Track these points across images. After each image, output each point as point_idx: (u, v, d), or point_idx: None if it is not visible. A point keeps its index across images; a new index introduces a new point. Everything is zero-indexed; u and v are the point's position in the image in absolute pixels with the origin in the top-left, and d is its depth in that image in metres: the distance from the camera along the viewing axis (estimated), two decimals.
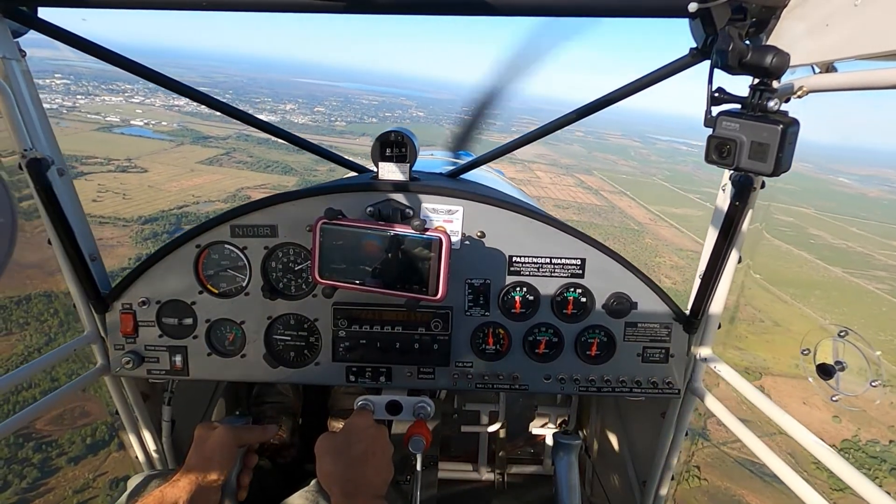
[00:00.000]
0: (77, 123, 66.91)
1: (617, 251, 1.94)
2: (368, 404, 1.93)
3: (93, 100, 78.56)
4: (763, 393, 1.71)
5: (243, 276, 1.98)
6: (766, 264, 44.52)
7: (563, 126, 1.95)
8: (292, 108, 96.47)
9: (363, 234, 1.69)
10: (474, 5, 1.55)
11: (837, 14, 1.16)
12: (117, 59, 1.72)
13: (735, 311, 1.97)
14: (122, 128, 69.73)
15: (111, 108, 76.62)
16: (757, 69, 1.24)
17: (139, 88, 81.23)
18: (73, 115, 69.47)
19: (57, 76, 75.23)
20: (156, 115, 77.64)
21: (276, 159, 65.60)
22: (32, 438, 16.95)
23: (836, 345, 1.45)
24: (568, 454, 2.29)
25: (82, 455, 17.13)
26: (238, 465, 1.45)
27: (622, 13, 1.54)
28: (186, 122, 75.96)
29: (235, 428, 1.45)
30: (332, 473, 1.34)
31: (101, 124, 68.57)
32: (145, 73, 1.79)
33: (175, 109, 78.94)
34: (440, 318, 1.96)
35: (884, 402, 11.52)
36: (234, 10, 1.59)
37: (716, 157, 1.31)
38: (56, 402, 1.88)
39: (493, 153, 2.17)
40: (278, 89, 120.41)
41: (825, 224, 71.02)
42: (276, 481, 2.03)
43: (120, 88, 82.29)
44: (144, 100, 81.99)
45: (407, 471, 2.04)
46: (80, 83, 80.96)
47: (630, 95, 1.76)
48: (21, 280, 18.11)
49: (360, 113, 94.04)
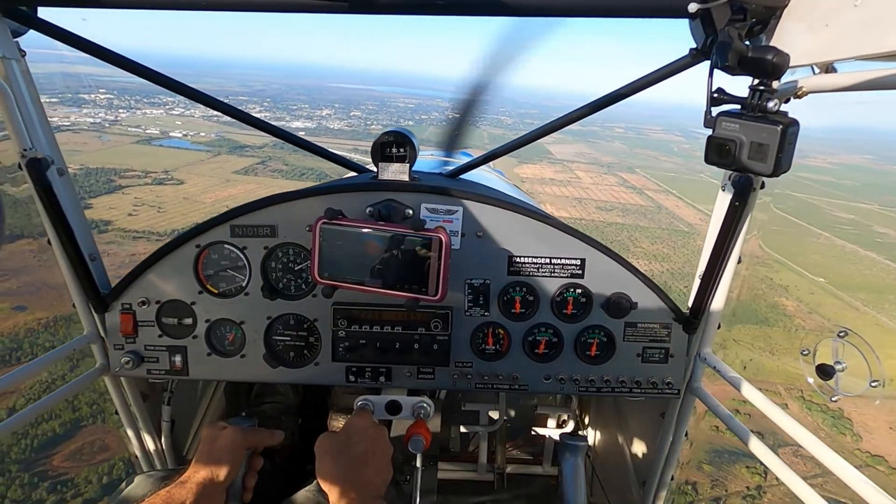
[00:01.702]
0: (118, 137, 66.91)
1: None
2: (368, 404, 1.93)
3: (134, 113, 78.54)
4: (762, 393, 1.71)
5: (243, 276, 1.98)
6: (830, 266, 42.24)
7: (563, 126, 1.94)
8: (328, 113, 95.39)
9: (363, 234, 1.69)
10: (475, 5, 1.55)
11: (837, 14, 1.16)
12: (117, 59, 1.72)
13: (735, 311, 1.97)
14: (161, 140, 69.76)
15: (151, 121, 76.40)
16: (757, 69, 1.24)
17: (180, 100, 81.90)
18: (114, 128, 69.52)
19: (101, 91, 75.46)
20: (195, 126, 77.35)
21: (310, 166, 64.98)
22: (48, 477, 15.38)
23: (836, 345, 1.45)
24: (575, 455, 2.29)
25: (98, 497, 15.53)
26: (244, 466, 1.45)
27: (622, 13, 1.54)
28: (224, 131, 75.60)
29: (245, 429, 1.45)
30: (332, 473, 1.34)
31: (140, 137, 68.70)
32: (145, 73, 1.79)
33: (214, 119, 78.34)
34: (440, 318, 1.96)
35: None
36: (234, 10, 1.59)
37: (716, 158, 1.31)
38: (56, 402, 1.88)
39: (493, 153, 2.17)
40: (315, 95, 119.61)
41: (893, 221, 64.43)
42: (277, 481, 2.03)
43: (161, 101, 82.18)
44: (184, 111, 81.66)
45: (407, 471, 2.04)
46: (123, 97, 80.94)
47: (630, 96, 1.76)
48: (49, 301, 17.71)
49: (397, 116, 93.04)
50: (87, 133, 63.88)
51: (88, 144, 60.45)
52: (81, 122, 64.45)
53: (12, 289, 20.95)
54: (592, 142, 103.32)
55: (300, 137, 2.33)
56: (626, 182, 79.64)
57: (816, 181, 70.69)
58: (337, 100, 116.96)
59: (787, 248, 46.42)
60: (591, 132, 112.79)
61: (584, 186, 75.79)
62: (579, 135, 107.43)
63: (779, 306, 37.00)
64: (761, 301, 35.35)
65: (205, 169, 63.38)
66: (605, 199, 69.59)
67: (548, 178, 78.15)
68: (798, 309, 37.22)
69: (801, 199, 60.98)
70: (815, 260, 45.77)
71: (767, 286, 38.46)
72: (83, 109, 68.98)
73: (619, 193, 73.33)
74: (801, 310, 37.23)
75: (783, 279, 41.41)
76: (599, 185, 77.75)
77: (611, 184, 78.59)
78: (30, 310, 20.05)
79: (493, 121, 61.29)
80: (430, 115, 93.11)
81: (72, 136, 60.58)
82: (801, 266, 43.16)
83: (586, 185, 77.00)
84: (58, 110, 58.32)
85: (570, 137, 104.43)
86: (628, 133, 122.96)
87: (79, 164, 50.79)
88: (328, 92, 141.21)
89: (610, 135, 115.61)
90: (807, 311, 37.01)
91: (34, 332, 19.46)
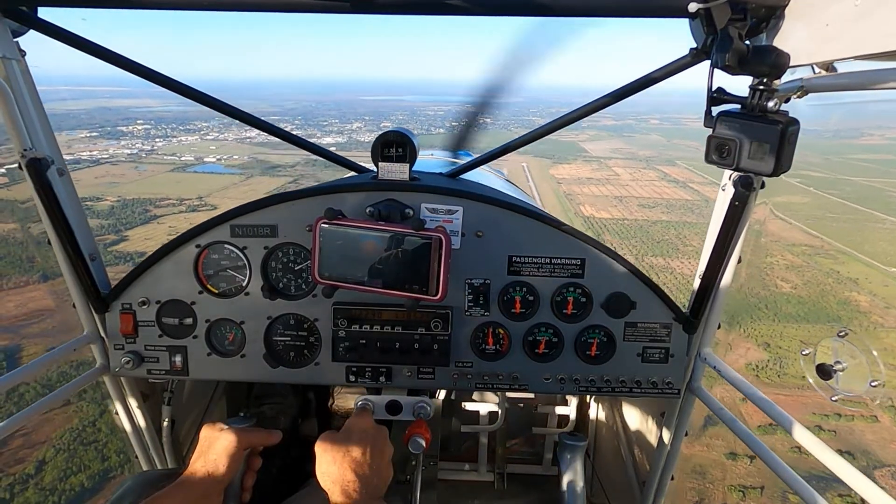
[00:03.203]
0: (154, 166, 66.42)
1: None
2: (368, 404, 1.93)
3: (170, 141, 78.15)
4: (762, 393, 1.71)
5: (243, 276, 1.98)
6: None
7: (563, 126, 1.94)
8: (359, 126, 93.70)
9: (363, 234, 1.69)
10: (475, 6, 1.55)
11: (837, 14, 1.16)
12: (117, 59, 1.72)
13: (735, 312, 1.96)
14: (196, 166, 69.06)
15: (186, 148, 75.90)
16: (757, 69, 1.24)
17: (214, 125, 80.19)
18: (151, 157, 69.21)
19: (139, 122, 75.20)
20: (228, 149, 76.97)
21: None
22: None
23: (836, 345, 1.45)
24: (574, 455, 2.29)
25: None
26: (242, 466, 1.45)
27: (622, 13, 1.54)
28: (256, 152, 74.93)
29: (242, 430, 1.45)
30: (331, 473, 1.33)
31: (176, 164, 68.41)
32: (145, 73, 1.79)
33: (247, 142, 77.94)
34: (440, 318, 1.96)
35: None
36: (234, 10, 1.59)
37: (716, 158, 1.31)
38: (55, 402, 1.88)
39: (493, 153, 2.17)
40: (345, 109, 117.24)
41: None
42: (276, 481, 2.03)
43: (196, 127, 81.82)
44: (218, 136, 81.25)
45: (407, 471, 2.04)
46: (160, 126, 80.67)
47: (629, 96, 1.76)
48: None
49: (427, 124, 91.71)
50: (124, 164, 63.15)
51: (126, 175, 59.62)
52: (119, 154, 64.13)
53: (47, 329, 20.90)
54: (628, 136, 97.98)
55: (300, 137, 2.32)
56: (667, 176, 73.45)
57: (873, 161, 62.27)
58: (367, 112, 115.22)
59: (850, 237, 41.02)
60: (625, 126, 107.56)
61: (624, 183, 70.29)
62: (613, 130, 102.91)
63: (850, 302, 31.96)
64: (830, 297, 32.00)
65: (237, 192, 62.69)
66: (648, 195, 64.57)
67: (585, 177, 73.54)
68: (873, 304, 31.75)
69: (858, 184, 55.08)
70: (884, 248, 40.38)
71: (835, 280, 34.06)
72: (121, 141, 69.09)
73: (662, 188, 67.85)
74: (877, 305, 31.68)
75: (851, 271, 35.86)
76: (639, 181, 72.10)
77: (651, 179, 72.75)
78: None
79: (526, 122, 59.05)
80: (461, 121, 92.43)
81: (110, 167, 60.12)
82: (870, 256, 37.83)
83: (626, 181, 71.39)
84: (97, 144, 58.32)
85: (605, 133, 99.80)
86: (664, 124, 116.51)
87: (116, 195, 50.14)
88: (358, 105, 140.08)
89: (645, 127, 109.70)
90: (883, 305, 31.70)
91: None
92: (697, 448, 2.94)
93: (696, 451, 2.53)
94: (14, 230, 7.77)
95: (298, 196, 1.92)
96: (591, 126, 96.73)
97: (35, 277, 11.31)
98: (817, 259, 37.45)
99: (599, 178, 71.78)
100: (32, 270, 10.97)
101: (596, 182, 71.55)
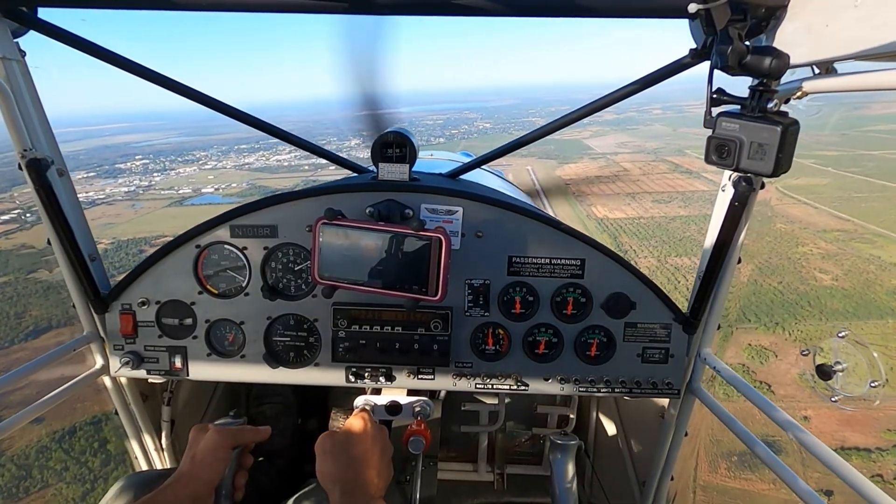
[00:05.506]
0: (151, 202, 64.43)
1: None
2: (368, 404, 1.93)
3: (168, 175, 76.48)
4: (762, 393, 1.71)
5: (243, 276, 1.98)
6: None
7: (563, 127, 1.94)
8: (357, 143, 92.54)
9: (363, 235, 1.69)
10: (475, 6, 1.55)
11: (837, 14, 1.16)
12: (116, 59, 1.72)
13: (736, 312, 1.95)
14: (194, 198, 68.05)
15: (184, 180, 73.97)
16: (757, 70, 1.24)
17: (212, 154, 78.99)
18: (147, 194, 67.46)
19: (137, 157, 74.25)
20: (227, 177, 75.26)
21: None
22: None
23: (836, 345, 1.45)
24: (565, 455, 2.29)
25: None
26: (233, 465, 1.45)
27: (622, 13, 1.54)
28: (255, 178, 73.00)
29: (227, 429, 1.44)
30: (331, 473, 1.33)
31: (173, 198, 66.81)
32: (144, 73, 1.79)
33: (245, 168, 76.66)
34: (440, 318, 1.96)
35: None
36: (234, 10, 1.59)
37: (716, 158, 1.31)
38: (55, 402, 1.88)
39: (493, 153, 2.17)
40: (342, 127, 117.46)
41: None
42: (276, 482, 2.03)
43: (194, 158, 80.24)
44: (217, 164, 79.66)
45: (407, 471, 2.04)
46: (158, 160, 79.34)
47: (629, 96, 1.76)
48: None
49: (426, 135, 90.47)
50: (120, 203, 61.16)
51: (121, 215, 57.31)
52: (116, 193, 62.67)
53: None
54: (632, 128, 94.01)
55: (300, 138, 2.32)
56: (678, 167, 68.21)
57: (892, 132, 57.28)
58: (364, 128, 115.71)
59: (883, 217, 36.86)
60: (628, 119, 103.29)
61: (635, 179, 64.82)
62: (615, 124, 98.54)
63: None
64: (876, 287, 27.43)
65: None
66: (661, 189, 59.29)
67: (593, 175, 70.96)
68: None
69: (880, 157, 49.86)
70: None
71: (878, 267, 30.00)
72: (118, 179, 67.66)
73: (675, 181, 62.43)
74: None
75: (893, 255, 31.67)
76: (650, 174, 66.15)
77: (662, 171, 67.03)
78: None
79: (526, 124, 57.05)
80: (460, 128, 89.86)
81: (106, 208, 58.11)
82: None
83: (636, 177, 66.06)
84: (94, 184, 57.58)
85: (608, 128, 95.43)
86: (667, 113, 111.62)
87: (111, 237, 47.64)
88: (355, 122, 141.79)
89: (648, 118, 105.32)
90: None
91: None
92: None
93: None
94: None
95: (298, 196, 1.92)
96: (593, 122, 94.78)
97: None
98: (853, 244, 33.29)
99: (609, 176, 65.78)
100: None
101: (606, 180, 65.21)
